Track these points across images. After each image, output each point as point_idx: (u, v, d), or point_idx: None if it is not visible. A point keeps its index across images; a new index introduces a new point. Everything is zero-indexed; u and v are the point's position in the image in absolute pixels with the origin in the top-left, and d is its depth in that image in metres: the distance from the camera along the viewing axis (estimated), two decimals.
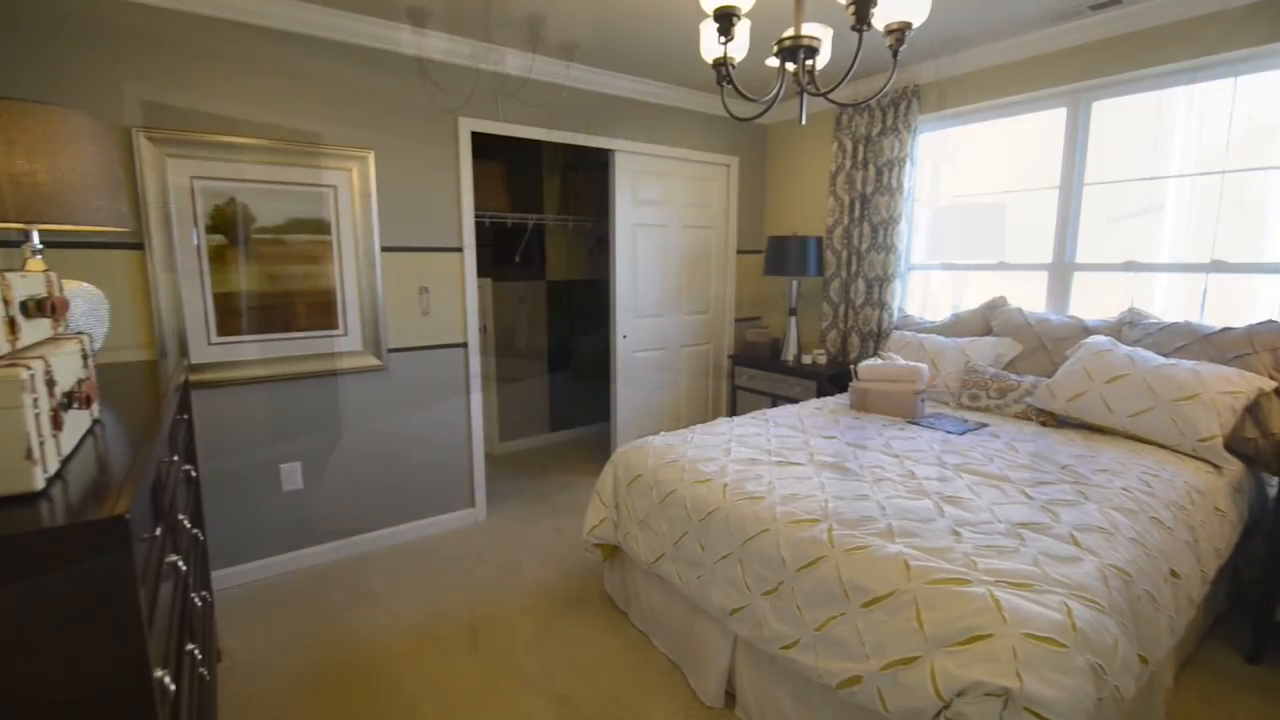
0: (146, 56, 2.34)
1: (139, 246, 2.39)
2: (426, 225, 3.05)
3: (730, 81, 1.67)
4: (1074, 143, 2.95)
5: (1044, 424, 2.58)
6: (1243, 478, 2.20)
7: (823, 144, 3.98)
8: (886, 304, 3.56)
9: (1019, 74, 3.05)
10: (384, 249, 2.93)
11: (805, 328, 4.18)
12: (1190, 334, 2.44)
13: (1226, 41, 2.44)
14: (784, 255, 3.74)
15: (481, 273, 4.26)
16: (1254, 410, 2.26)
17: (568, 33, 2.88)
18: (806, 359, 3.75)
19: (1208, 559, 1.86)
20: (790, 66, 1.71)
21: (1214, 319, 2.54)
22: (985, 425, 2.56)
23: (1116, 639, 1.29)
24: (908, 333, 3.31)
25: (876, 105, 3.54)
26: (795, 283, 3.87)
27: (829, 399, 3.09)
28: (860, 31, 1.47)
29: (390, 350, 3.00)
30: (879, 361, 2.89)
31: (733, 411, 4.25)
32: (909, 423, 2.61)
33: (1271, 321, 2.31)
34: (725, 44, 1.55)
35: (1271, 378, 2.23)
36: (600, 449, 4.58)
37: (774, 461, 2.12)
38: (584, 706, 1.94)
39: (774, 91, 1.67)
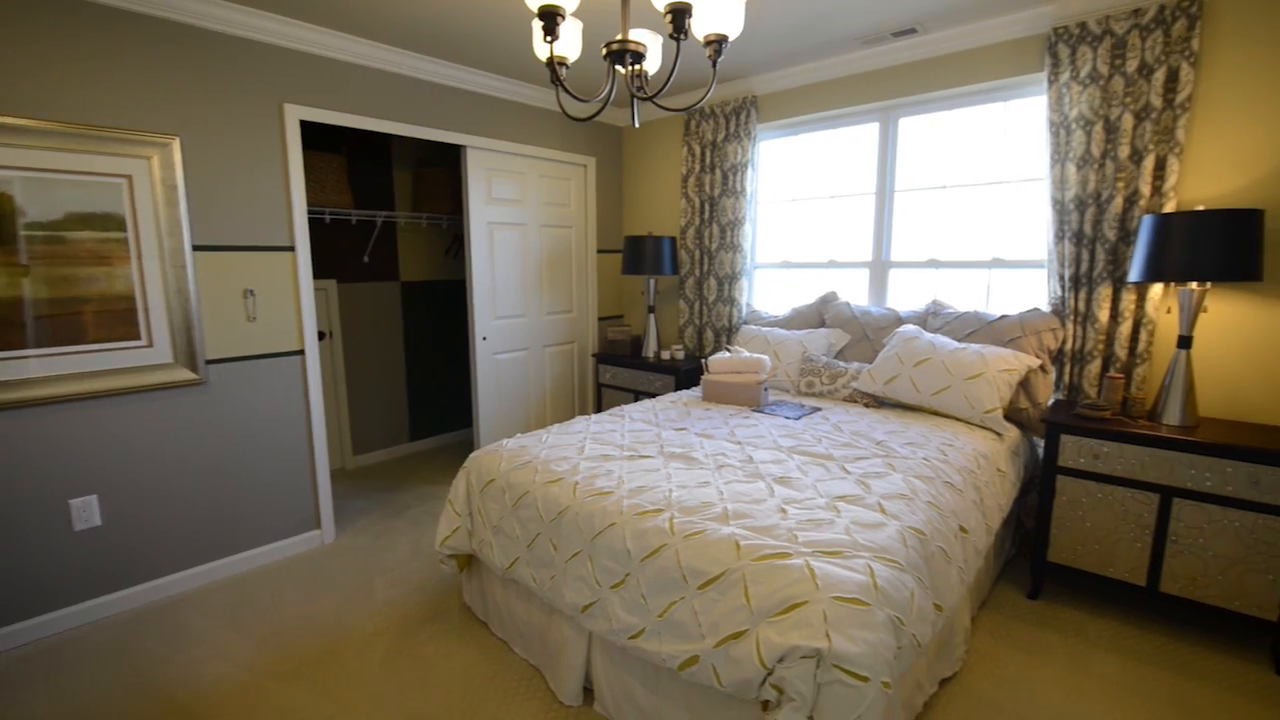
0: None
1: None
2: (250, 221, 2.76)
3: (559, 82, 1.67)
4: (885, 154, 3.31)
5: (867, 405, 2.87)
6: (1019, 442, 2.60)
7: (674, 148, 4.14)
8: (736, 300, 3.77)
9: (839, 91, 3.36)
10: (197, 248, 2.61)
11: (664, 324, 4.32)
12: (978, 321, 2.83)
13: (999, 70, 2.85)
14: (641, 255, 3.84)
15: (323, 274, 3.94)
16: (1026, 384, 2.67)
17: (400, 21, 2.74)
18: (666, 355, 3.88)
19: (992, 514, 2.17)
20: (622, 70, 1.75)
21: (996, 308, 2.97)
22: (819, 409, 2.79)
23: (913, 592, 1.47)
24: (754, 327, 3.53)
25: (720, 113, 3.73)
26: (652, 281, 3.99)
27: (684, 392, 3.22)
28: (678, 40, 1.53)
29: (209, 362, 2.68)
30: (727, 355, 3.06)
31: (599, 409, 4.30)
32: (754, 411, 2.79)
33: (1037, 310, 2.74)
34: (551, 43, 1.55)
35: (1038, 357, 2.65)
36: (464, 456, 4.42)
37: (626, 456, 2.17)
38: None
39: (604, 93, 1.70)
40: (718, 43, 1.66)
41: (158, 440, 2.57)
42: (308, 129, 3.80)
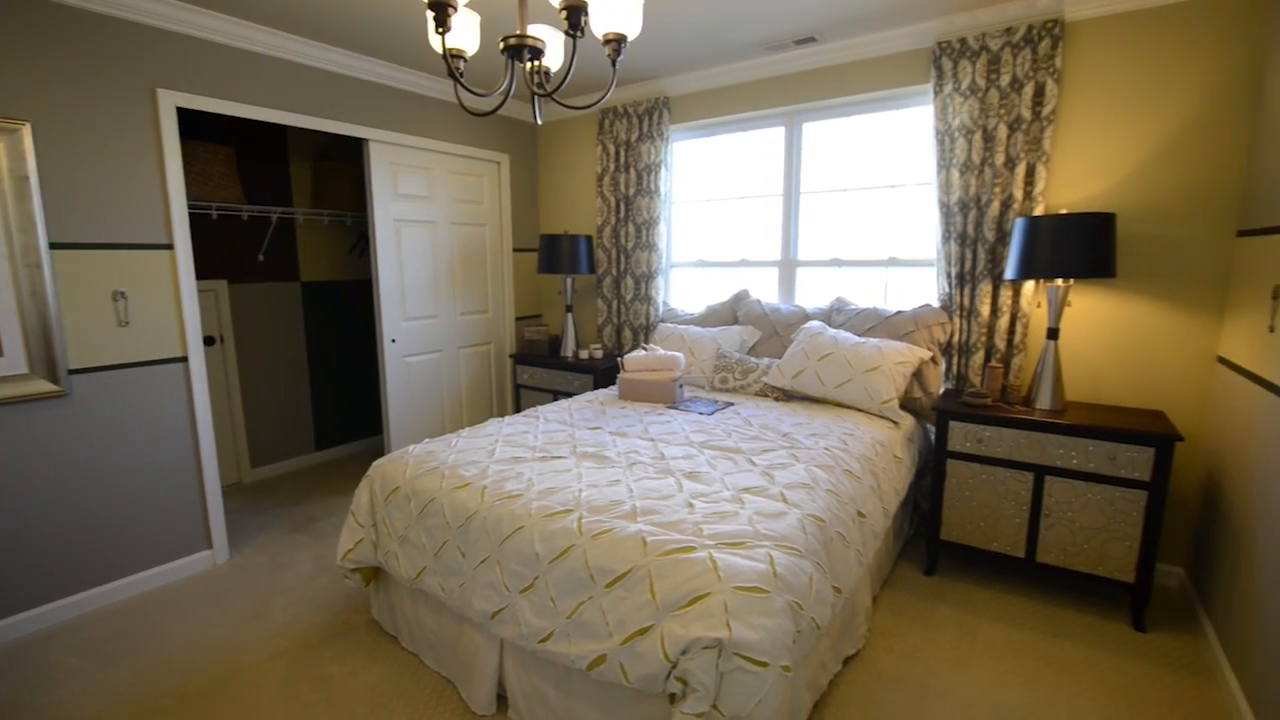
0: None
1: None
2: (120, 217, 2.51)
3: (454, 75, 1.62)
4: (791, 157, 3.43)
5: (777, 399, 2.98)
6: (914, 429, 2.77)
7: (589, 146, 4.12)
8: (652, 299, 3.81)
9: (747, 94, 3.45)
10: (55, 246, 2.35)
11: (583, 323, 4.30)
12: (876, 317, 2.99)
13: (892, 80, 3.02)
14: (557, 253, 3.80)
15: (212, 274, 3.66)
16: (919, 375, 2.84)
17: (290, 5, 2.57)
18: (585, 354, 3.86)
19: (889, 498, 2.29)
20: (521, 66, 1.71)
21: (893, 304, 3.15)
22: (732, 404, 2.86)
23: (811, 577, 1.53)
24: (671, 325, 3.58)
25: (633, 112, 3.75)
26: (570, 280, 3.96)
27: (601, 391, 3.22)
28: (574, 37, 1.52)
29: (73, 371, 2.43)
30: (642, 353, 3.08)
31: (518, 410, 4.22)
32: (669, 408, 2.82)
33: (928, 305, 2.93)
34: (442, 34, 1.50)
35: (929, 349, 2.83)
36: None
37: (538, 458, 2.14)
38: None
39: (501, 87, 1.66)
40: (616, 42, 1.66)
41: (13, 460, 2.30)
42: (190, 118, 3.51)
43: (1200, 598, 2.35)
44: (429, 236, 3.75)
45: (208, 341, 3.66)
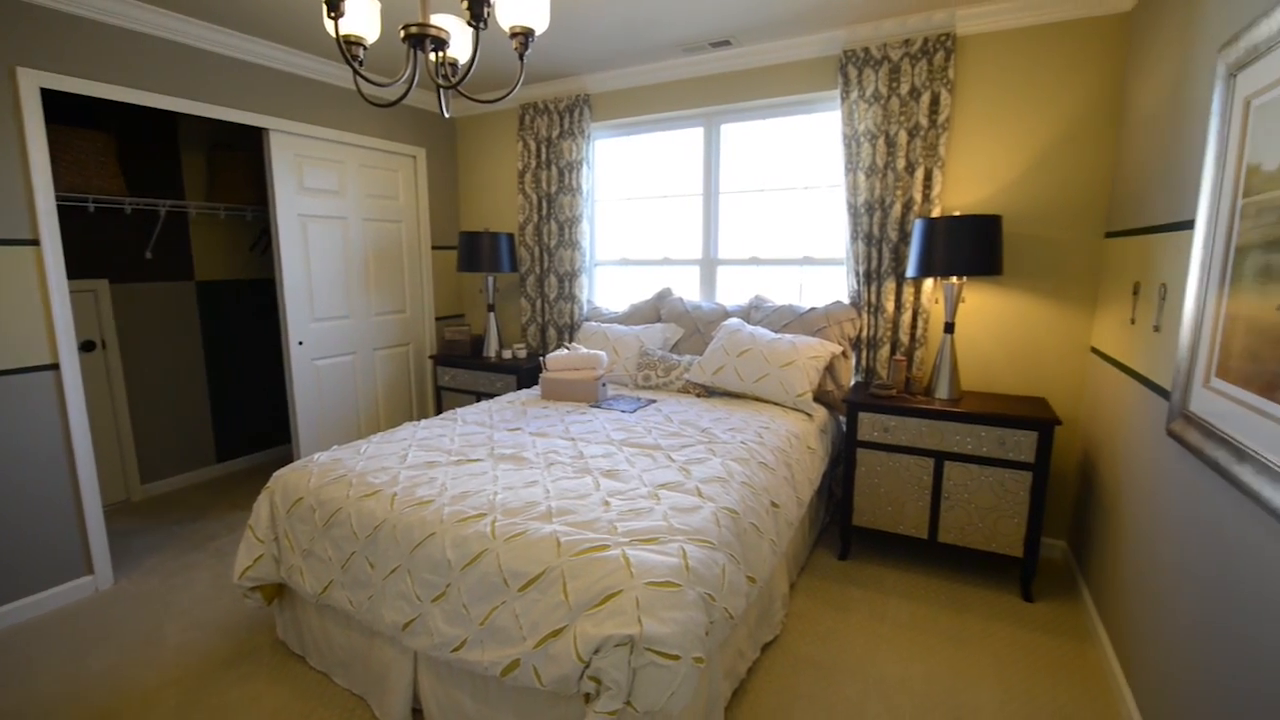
0: None
1: None
2: None
3: (350, 62, 1.54)
4: (710, 157, 3.50)
5: (699, 395, 3.03)
6: (827, 420, 2.88)
7: (510, 142, 4.05)
8: (576, 297, 3.78)
9: (667, 94, 3.48)
10: None
11: (507, 323, 4.23)
12: (792, 314, 3.10)
13: (803, 85, 3.12)
14: (477, 251, 3.71)
15: (89, 272, 3.34)
16: (831, 369, 2.97)
17: None
18: (508, 354, 3.79)
19: (803, 488, 2.38)
20: (432, 57, 1.66)
21: (808, 302, 3.26)
22: (654, 401, 2.89)
23: (724, 568, 1.56)
24: (595, 324, 3.57)
25: (555, 109, 3.71)
26: (491, 279, 3.88)
27: (523, 392, 3.17)
28: (477, 28, 1.48)
29: None
30: (565, 352, 3.06)
31: (439, 413, 4.09)
32: (592, 407, 2.82)
33: (839, 302, 3.06)
34: (336, 20, 1.42)
35: (840, 344, 2.96)
36: None
37: (453, 461, 2.08)
38: None
39: (404, 77, 1.60)
40: (523, 35, 1.63)
41: None
42: (62, 101, 3.18)
43: (1080, 567, 2.57)
44: (339, 233, 3.57)
45: (85, 347, 3.33)
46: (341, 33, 1.55)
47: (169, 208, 3.56)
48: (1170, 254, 1.80)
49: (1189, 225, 1.66)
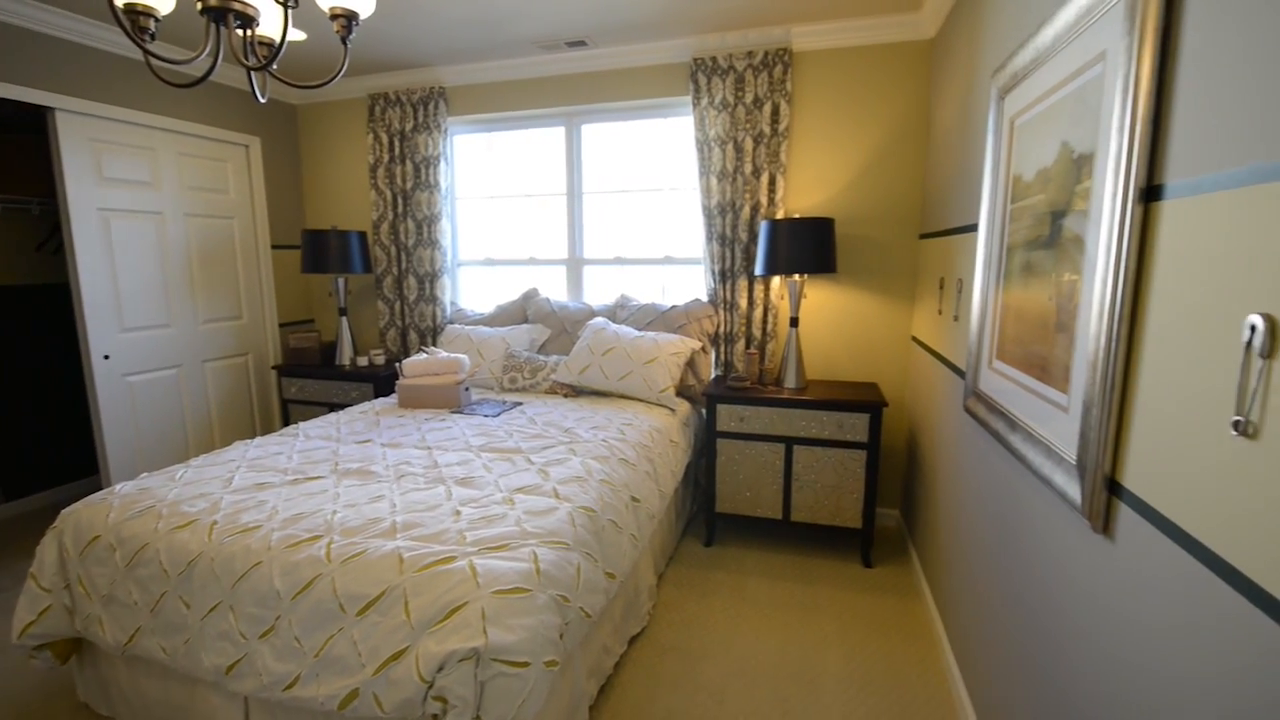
0: None
1: None
2: None
3: (129, 33, 1.36)
4: (573, 157, 3.49)
5: (566, 395, 3.02)
6: (690, 414, 2.99)
7: (360, 134, 3.79)
8: (439, 299, 3.62)
9: (527, 92, 3.43)
10: None
11: (363, 327, 3.96)
12: (655, 312, 3.18)
13: (659, 90, 3.20)
14: (324, 251, 3.43)
15: None
16: (692, 364, 3.08)
17: None
18: (364, 361, 3.55)
19: (666, 481, 2.45)
20: (243, 35, 1.50)
21: (670, 300, 3.36)
22: (520, 404, 2.84)
23: (579, 568, 1.56)
24: (459, 326, 3.44)
25: (408, 100, 3.52)
26: (342, 280, 3.61)
27: (378, 401, 2.98)
28: (286, 6, 1.36)
29: None
30: (423, 356, 2.92)
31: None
32: (453, 413, 2.71)
33: (698, 300, 3.18)
34: None
35: (700, 340, 3.08)
36: None
37: (289, 481, 1.90)
38: None
39: (204, 53, 1.43)
40: (345, 18, 1.53)
41: None
42: None
43: (909, 533, 2.87)
44: (154, 230, 3.15)
45: None
46: (121, 1, 1.36)
47: None
48: (964, 253, 2.06)
49: (975, 228, 1.91)
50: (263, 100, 1.63)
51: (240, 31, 1.48)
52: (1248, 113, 0.75)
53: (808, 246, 2.66)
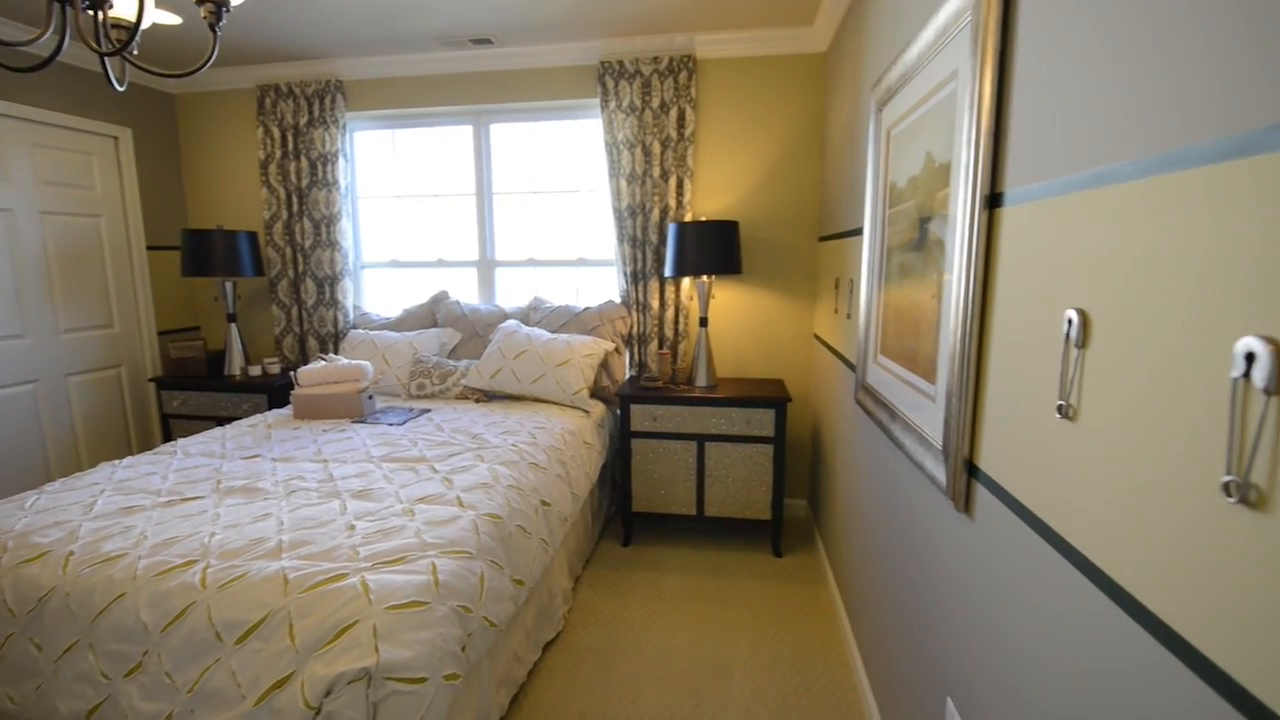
0: None
1: None
2: None
3: None
4: (481, 157, 3.42)
5: (478, 400, 2.95)
6: (604, 415, 3.00)
7: (248, 128, 3.54)
8: (340, 303, 3.45)
9: (432, 89, 3.32)
10: None
11: (256, 334, 3.70)
12: (568, 314, 3.16)
13: (567, 91, 3.19)
14: (207, 252, 3.18)
15: None
16: (606, 365, 3.09)
17: None
18: (256, 370, 3.32)
19: (579, 483, 2.44)
20: (95, 16, 1.36)
21: (584, 301, 3.36)
22: (428, 411, 2.75)
23: (483, 576, 1.53)
24: (362, 331, 3.29)
25: (301, 93, 3.33)
26: (229, 284, 3.36)
27: (272, 412, 2.80)
28: None
29: None
30: (321, 364, 2.77)
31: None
32: (355, 422, 2.58)
33: (611, 301, 3.19)
34: None
35: (613, 341, 3.10)
36: None
37: (162, 503, 1.75)
38: None
39: (42, 35, 1.29)
40: (213, 4, 1.43)
41: None
42: None
43: (815, 521, 3.01)
44: (2, 229, 2.81)
45: None
46: None
47: None
48: (853, 255, 2.18)
49: (861, 232, 2.03)
50: (121, 89, 1.49)
51: (90, 13, 1.35)
52: (1062, 130, 0.84)
53: (715, 248, 2.73)
